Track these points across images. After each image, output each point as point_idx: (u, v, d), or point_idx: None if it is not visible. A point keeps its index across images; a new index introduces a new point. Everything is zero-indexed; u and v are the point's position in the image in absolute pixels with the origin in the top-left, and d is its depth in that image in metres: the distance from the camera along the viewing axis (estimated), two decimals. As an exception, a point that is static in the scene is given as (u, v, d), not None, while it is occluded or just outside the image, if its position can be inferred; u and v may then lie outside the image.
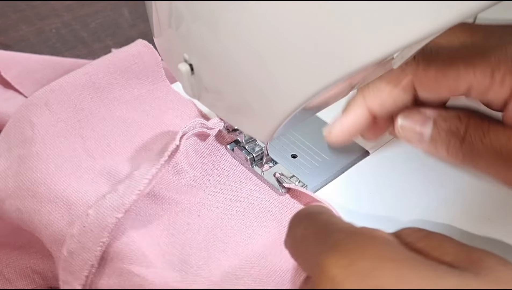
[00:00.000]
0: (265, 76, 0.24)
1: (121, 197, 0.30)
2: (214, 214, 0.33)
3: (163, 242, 0.32)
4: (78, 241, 0.30)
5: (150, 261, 0.30)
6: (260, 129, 0.28)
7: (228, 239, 0.32)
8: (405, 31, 0.19)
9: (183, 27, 0.27)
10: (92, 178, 0.34)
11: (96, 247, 0.30)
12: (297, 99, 0.24)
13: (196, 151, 0.36)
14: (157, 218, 0.33)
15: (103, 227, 0.30)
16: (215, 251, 0.31)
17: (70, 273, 0.31)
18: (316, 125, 0.41)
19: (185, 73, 0.29)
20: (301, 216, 0.27)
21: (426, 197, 0.36)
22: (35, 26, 0.66)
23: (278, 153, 0.39)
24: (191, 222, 0.33)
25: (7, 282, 0.38)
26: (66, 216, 0.32)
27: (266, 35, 0.22)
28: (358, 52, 0.20)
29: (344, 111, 0.33)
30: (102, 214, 0.30)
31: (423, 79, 0.31)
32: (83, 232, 0.30)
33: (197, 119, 0.35)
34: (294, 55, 0.22)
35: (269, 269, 0.31)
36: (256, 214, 0.34)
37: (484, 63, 0.29)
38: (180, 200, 0.34)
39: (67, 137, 0.36)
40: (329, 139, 0.34)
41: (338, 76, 0.21)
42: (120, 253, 0.30)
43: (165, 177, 0.34)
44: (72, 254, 0.30)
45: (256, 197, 0.35)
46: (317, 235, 0.25)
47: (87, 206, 0.31)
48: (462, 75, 0.29)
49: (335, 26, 0.20)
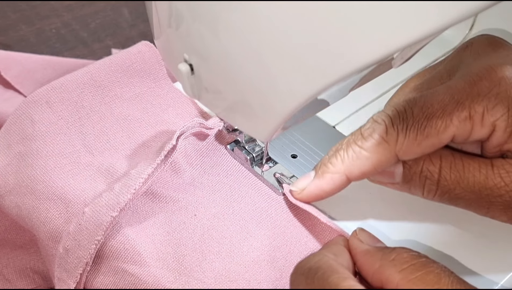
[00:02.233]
0: (265, 76, 0.24)
1: (116, 196, 0.30)
2: (211, 213, 0.33)
3: (159, 241, 0.32)
4: (74, 239, 0.30)
5: (144, 260, 0.30)
6: (260, 129, 0.28)
7: (223, 239, 0.32)
8: (405, 31, 0.19)
9: (183, 27, 0.27)
10: (90, 175, 0.34)
11: (91, 245, 0.30)
12: (297, 99, 0.24)
13: (196, 150, 0.36)
14: (154, 216, 0.33)
15: (98, 226, 0.30)
16: (210, 252, 0.31)
17: (65, 270, 0.31)
18: (316, 125, 0.41)
19: (185, 73, 0.29)
20: (300, 275, 0.27)
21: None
22: (35, 26, 0.65)
23: (278, 153, 0.39)
24: (187, 221, 0.33)
25: (7, 282, 0.38)
26: (64, 213, 0.32)
27: (266, 35, 0.22)
28: (358, 52, 0.20)
29: (319, 172, 0.32)
30: (97, 213, 0.30)
31: (406, 146, 0.29)
32: (79, 230, 0.30)
33: (196, 118, 0.35)
34: (294, 55, 0.22)
35: (263, 275, 0.31)
36: (252, 215, 0.34)
37: (460, 109, 0.28)
38: (177, 199, 0.34)
39: (67, 134, 0.36)
40: (298, 196, 0.33)
41: (338, 76, 0.21)
42: (115, 251, 0.31)
43: (163, 175, 0.34)
44: (67, 252, 0.31)
45: (254, 198, 0.35)
46: None
47: (84, 204, 0.32)
48: (442, 130, 0.29)
49: (335, 26, 0.20)
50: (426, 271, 0.25)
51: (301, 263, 0.27)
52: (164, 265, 0.30)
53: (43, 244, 0.33)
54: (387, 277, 0.25)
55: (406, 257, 0.26)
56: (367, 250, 0.28)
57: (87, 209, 0.31)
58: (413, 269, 0.25)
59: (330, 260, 0.27)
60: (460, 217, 0.35)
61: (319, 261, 0.27)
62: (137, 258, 0.30)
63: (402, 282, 0.25)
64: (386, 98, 0.44)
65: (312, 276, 0.26)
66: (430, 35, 0.19)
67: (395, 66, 0.32)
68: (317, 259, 0.27)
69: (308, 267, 0.26)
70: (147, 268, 0.30)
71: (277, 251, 0.32)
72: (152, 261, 0.30)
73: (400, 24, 0.19)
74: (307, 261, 0.27)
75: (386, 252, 0.27)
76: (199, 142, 0.37)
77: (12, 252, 0.38)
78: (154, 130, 0.37)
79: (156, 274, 0.30)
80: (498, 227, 0.34)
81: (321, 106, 0.31)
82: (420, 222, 0.35)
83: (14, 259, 0.38)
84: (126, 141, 0.37)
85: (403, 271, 0.25)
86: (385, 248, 0.27)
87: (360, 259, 0.28)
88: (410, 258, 0.26)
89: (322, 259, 0.27)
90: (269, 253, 0.32)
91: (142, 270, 0.30)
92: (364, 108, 0.43)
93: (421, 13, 0.18)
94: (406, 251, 0.26)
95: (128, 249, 0.31)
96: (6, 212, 0.35)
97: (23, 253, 0.38)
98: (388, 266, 0.26)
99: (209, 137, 0.37)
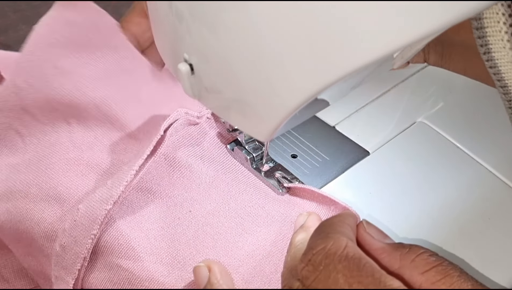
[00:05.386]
0: (265, 76, 0.24)
1: (109, 189, 0.31)
2: (206, 210, 0.33)
3: (153, 236, 0.32)
4: (70, 235, 0.31)
5: (138, 254, 0.30)
6: (260, 129, 0.28)
7: (218, 235, 0.32)
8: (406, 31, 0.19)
9: (183, 27, 0.27)
10: (81, 171, 0.34)
11: (87, 239, 0.30)
12: (297, 99, 0.24)
13: (193, 145, 0.37)
14: (149, 211, 0.33)
15: (93, 220, 0.30)
16: (204, 247, 0.31)
17: (62, 267, 0.31)
18: (316, 125, 0.41)
19: (185, 73, 0.29)
20: (337, 263, 0.25)
21: (426, 197, 0.36)
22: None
23: (278, 153, 0.39)
24: (181, 217, 0.33)
25: (5, 282, 0.38)
26: (58, 212, 0.32)
27: (266, 35, 0.22)
28: (358, 52, 0.20)
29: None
30: (92, 208, 0.30)
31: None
32: (74, 226, 0.31)
33: (180, 109, 0.34)
34: (294, 55, 0.22)
35: (257, 269, 0.31)
36: (249, 212, 0.34)
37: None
38: (173, 194, 0.34)
39: (55, 133, 0.35)
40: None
41: (338, 76, 0.21)
42: (109, 246, 0.31)
43: (159, 171, 0.34)
44: (64, 249, 0.31)
45: (251, 195, 0.35)
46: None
47: (78, 201, 0.32)
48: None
49: (335, 26, 0.20)
50: (450, 275, 0.25)
51: (330, 249, 0.25)
52: (158, 259, 0.31)
53: (38, 245, 0.33)
54: (409, 278, 0.25)
55: (427, 259, 0.26)
56: (383, 248, 0.27)
57: (81, 206, 0.31)
58: (436, 272, 0.25)
59: (358, 249, 0.26)
60: (460, 217, 0.35)
61: (351, 249, 0.25)
62: (131, 253, 0.31)
63: (426, 284, 0.25)
64: (386, 98, 0.44)
65: (356, 267, 0.25)
66: (431, 34, 0.19)
67: (395, 66, 0.32)
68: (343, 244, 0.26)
69: (344, 254, 0.25)
70: (140, 263, 0.30)
71: (272, 246, 0.32)
72: (146, 256, 0.31)
73: (400, 23, 0.19)
74: (336, 246, 0.26)
75: (404, 251, 0.26)
76: (198, 139, 0.37)
77: (10, 252, 0.38)
78: (137, 115, 0.36)
79: (150, 268, 0.30)
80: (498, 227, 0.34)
81: (321, 106, 0.31)
82: (420, 222, 0.35)
83: (12, 259, 0.38)
84: (112, 135, 0.36)
85: (426, 273, 0.25)
86: (401, 247, 0.27)
87: (377, 257, 0.27)
88: (432, 261, 0.25)
89: (352, 247, 0.26)
90: (264, 248, 0.32)
91: (136, 265, 0.30)
92: (364, 108, 0.43)
93: (421, 13, 0.18)
94: (424, 251, 0.26)
95: (122, 244, 0.31)
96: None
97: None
98: (409, 267, 0.26)
99: (209, 135, 0.37)
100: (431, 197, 0.36)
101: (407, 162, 0.39)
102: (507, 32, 0.26)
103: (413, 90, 0.45)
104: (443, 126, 0.41)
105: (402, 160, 0.39)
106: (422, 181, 0.37)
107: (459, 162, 0.39)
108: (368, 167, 0.38)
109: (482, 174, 0.38)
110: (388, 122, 0.42)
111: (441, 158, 0.39)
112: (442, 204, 0.36)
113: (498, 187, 0.37)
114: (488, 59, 0.28)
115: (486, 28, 0.27)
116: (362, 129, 0.41)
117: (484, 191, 0.37)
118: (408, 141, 0.40)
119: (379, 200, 0.36)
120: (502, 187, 0.37)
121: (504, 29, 0.26)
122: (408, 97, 0.44)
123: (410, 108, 0.43)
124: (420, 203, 0.36)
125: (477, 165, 0.39)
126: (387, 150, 0.40)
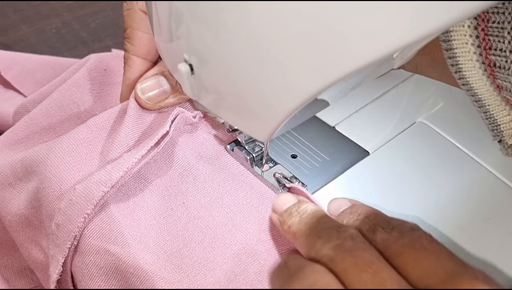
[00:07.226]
0: (265, 76, 0.24)
1: (108, 172, 0.31)
2: (199, 204, 0.34)
3: (144, 224, 0.32)
4: (65, 214, 0.31)
5: (127, 241, 0.31)
6: (260, 129, 0.28)
7: (207, 230, 0.32)
8: (406, 31, 0.19)
9: (183, 27, 0.27)
10: (86, 153, 0.35)
11: (80, 218, 0.31)
12: (297, 99, 0.24)
13: (193, 143, 0.37)
14: (143, 200, 0.34)
15: (88, 200, 0.31)
16: (192, 240, 0.32)
17: (56, 245, 0.32)
18: (316, 125, 0.41)
19: (185, 73, 0.29)
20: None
21: (426, 197, 0.36)
22: (35, 26, 0.66)
23: (278, 153, 0.39)
24: (174, 208, 0.33)
25: (6, 282, 0.38)
26: (57, 191, 0.33)
27: (266, 35, 0.22)
28: (358, 52, 0.20)
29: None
30: (89, 188, 0.31)
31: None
32: (69, 205, 0.31)
33: (178, 108, 0.36)
34: (294, 55, 0.22)
35: (242, 268, 0.31)
36: (241, 209, 0.34)
37: None
38: (168, 186, 0.34)
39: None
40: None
41: (338, 76, 0.21)
42: (99, 230, 0.31)
43: (157, 161, 0.35)
44: (58, 227, 0.31)
45: (246, 193, 0.35)
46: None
47: (76, 182, 0.33)
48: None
49: (335, 26, 0.20)
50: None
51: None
52: (144, 247, 0.31)
53: (45, 226, 0.34)
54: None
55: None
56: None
57: (79, 186, 0.31)
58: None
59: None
60: (460, 217, 0.35)
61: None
62: (120, 239, 0.31)
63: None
64: (386, 98, 0.44)
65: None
66: (431, 34, 0.19)
67: (395, 66, 0.32)
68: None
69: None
70: (128, 249, 0.30)
71: (260, 244, 0.32)
72: (134, 243, 0.31)
73: (401, 23, 0.19)
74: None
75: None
76: (198, 137, 0.37)
77: (10, 252, 0.38)
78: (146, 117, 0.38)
79: (136, 255, 0.30)
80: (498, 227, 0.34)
81: (321, 106, 0.31)
82: (420, 222, 0.35)
83: (13, 259, 0.38)
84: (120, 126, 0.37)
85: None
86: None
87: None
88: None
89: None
90: (251, 246, 0.32)
91: (123, 250, 0.30)
92: (364, 108, 0.43)
93: (421, 13, 0.18)
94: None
95: (112, 230, 0.31)
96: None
97: (21, 254, 0.38)
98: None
99: (208, 134, 0.37)
100: (431, 197, 0.36)
101: (407, 162, 0.39)
102: (473, 44, 0.27)
103: (413, 90, 0.45)
104: (443, 126, 0.41)
105: (402, 160, 0.39)
106: (422, 181, 0.37)
107: (459, 162, 0.39)
108: (368, 167, 0.38)
109: (482, 174, 0.38)
110: (388, 122, 0.42)
111: (441, 158, 0.39)
112: (442, 204, 0.36)
113: (498, 187, 0.37)
114: (457, 71, 0.28)
115: (453, 41, 0.27)
116: (362, 129, 0.41)
117: (484, 191, 0.37)
118: (408, 141, 0.40)
119: (379, 200, 0.36)
120: (502, 187, 0.37)
121: (470, 41, 0.27)
122: (408, 97, 0.44)
123: (410, 108, 0.43)
124: (420, 203, 0.36)
125: (477, 165, 0.39)
126: (387, 150, 0.40)
